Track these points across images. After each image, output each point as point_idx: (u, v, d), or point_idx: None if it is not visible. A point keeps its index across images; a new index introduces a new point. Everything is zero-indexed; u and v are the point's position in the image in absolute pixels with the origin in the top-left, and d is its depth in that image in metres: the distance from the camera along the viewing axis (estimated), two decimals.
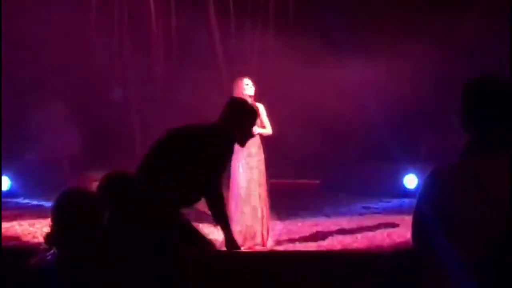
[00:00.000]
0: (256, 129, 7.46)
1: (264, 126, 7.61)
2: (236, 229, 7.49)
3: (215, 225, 7.90)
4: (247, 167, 7.56)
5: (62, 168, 10.92)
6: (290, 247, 7.76)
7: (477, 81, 2.66)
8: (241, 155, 7.51)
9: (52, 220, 2.68)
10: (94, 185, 3.38)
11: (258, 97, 7.63)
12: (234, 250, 7.19)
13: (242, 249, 7.28)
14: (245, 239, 7.45)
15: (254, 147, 7.56)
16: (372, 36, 10.49)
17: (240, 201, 7.53)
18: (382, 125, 10.42)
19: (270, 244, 7.75)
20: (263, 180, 7.63)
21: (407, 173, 10.32)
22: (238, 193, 7.56)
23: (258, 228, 7.52)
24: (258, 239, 7.52)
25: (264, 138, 7.69)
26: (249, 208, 7.51)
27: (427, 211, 2.53)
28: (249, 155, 7.55)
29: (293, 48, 10.99)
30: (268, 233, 7.71)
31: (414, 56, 9.90)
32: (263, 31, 12.13)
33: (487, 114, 2.57)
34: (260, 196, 7.57)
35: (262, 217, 7.57)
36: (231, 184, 7.63)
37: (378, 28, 10.53)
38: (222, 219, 5.72)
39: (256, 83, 7.59)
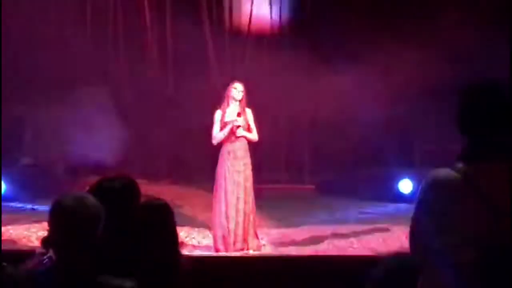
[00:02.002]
0: (241, 131, 7.49)
1: (250, 131, 7.62)
2: (218, 233, 7.50)
3: (209, 229, 7.97)
4: (233, 170, 7.54)
5: (56, 173, 10.91)
6: (285, 251, 7.77)
7: (474, 86, 2.67)
8: (227, 158, 7.53)
9: (50, 224, 2.67)
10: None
11: (248, 102, 7.65)
12: (228, 255, 7.21)
13: (224, 254, 7.30)
14: (227, 244, 7.44)
15: (240, 150, 7.56)
16: (365, 42, 10.50)
17: (224, 205, 7.52)
18: (377, 130, 10.44)
19: (265, 249, 7.76)
20: (249, 184, 7.60)
21: (402, 178, 10.34)
22: (223, 197, 7.55)
23: (240, 232, 7.48)
24: (239, 245, 7.48)
25: (252, 143, 7.68)
26: (234, 212, 7.48)
27: (424, 216, 2.53)
28: (235, 158, 7.54)
29: (286, 54, 11.01)
30: (256, 237, 7.68)
31: (408, 62, 9.92)
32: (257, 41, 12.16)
33: (484, 119, 2.58)
34: (245, 201, 7.54)
35: (247, 222, 7.53)
36: (215, 187, 7.63)
37: (371, 35, 10.54)
38: None
39: (247, 88, 7.63)
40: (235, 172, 7.53)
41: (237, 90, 7.54)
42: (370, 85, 10.49)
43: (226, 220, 7.47)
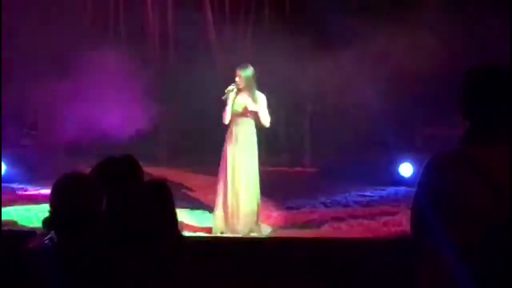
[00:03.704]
0: (251, 106, 7.48)
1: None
2: (219, 215, 7.52)
3: (210, 212, 7.98)
4: (234, 153, 7.54)
5: (57, 154, 10.89)
6: (286, 234, 7.78)
7: (478, 70, 2.66)
8: (229, 141, 7.53)
9: (51, 204, 2.68)
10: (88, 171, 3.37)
11: (259, 87, 7.66)
12: (229, 236, 7.23)
13: (225, 235, 7.32)
14: (229, 226, 7.45)
15: (242, 133, 7.56)
16: (368, 26, 10.45)
17: (225, 187, 7.52)
18: (378, 114, 10.41)
19: (266, 231, 7.77)
20: (252, 168, 7.60)
21: (402, 162, 10.32)
22: (225, 179, 7.54)
23: (241, 215, 7.49)
24: (241, 227, 7.48)
25: (259, 125, 7.67)
26: (234, 196, 7.49)
27: (426, 199, 2.53)
28: (237, 141, 7.54)
29: (289, 37, 10.97)
30: (259, 220, 7.69)
31: (410, 47, 9.88)
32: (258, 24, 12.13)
33: (487, 103, 2.58)
34: (247, 185, 7.54)
35: (248, 205, 7.53)
36: (219, 170, 7.64)
37: (373, 19, 10.49)
38: None
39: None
40: (237, 156, 7.53)
41: (237, 77, 7.55)
42: (371, 69, 10.46)
43: (227, 202, 7.49)
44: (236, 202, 7.49)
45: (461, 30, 9.87)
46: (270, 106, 7.73)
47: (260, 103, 7.57)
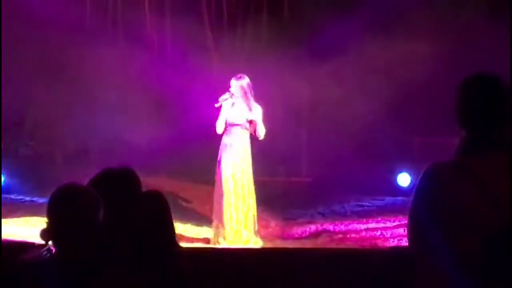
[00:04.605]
0: (247, 115, 7.48)
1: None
2: (217, 226, 7.51)
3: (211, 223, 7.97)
4: (230, 164, 7.53)
5: (55, 163, 10.88)
6: (283, 244, 7.77)
7: (473, 78, 2.67)
8: (224, 150, 7.53)
9: (48, 216, 2.67)
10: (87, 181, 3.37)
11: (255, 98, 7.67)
12: (226, 248, 7.22)
13: (222, 247, 7.31)
14: (226, 237, 7.44)
15: (237, 143, 7.55)
16: (363, 35, 10.48)
17: (222, 198, 7.51)
18: (376, 124, 10.43)
19: (261, 242, 7.75)
20: (247, 178, 7.59)
21: (400, 172, 10.33)
22: (221, 190, 7.53)
23: (238, 227, 7.48)
24: (238, 238, 7.47)
25: (252, 137, 7.67)
26: (231, 207, 7.48)
27: (423, 208, 2.53)
28: (232, 151, 7.53)
29: (284, 48, 11.00)
30: (256, 232, 7.67)
31: (407, 55, 9.90)
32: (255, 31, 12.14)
33: (483, 112, 2.59)
34: (243, 195, 7.53)
35: (245, 216, 7.52)
36: (215, 180, 7.62)
37: (370, 28, 10.52)
38: None
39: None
40: (232, 166, 7.52)
41: (232, 85, 7.56)
42: (368, 79, 10.48)
43: (225, 213, 7.48)
44: (235, 213, 7.48)
45: (457, 39, 9.91)
46: (266, 115, 7.74)
47: (256, 114, 7.56)
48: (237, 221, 7.47)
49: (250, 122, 7.58)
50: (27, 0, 10.61)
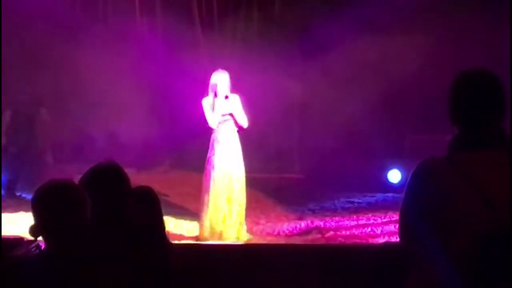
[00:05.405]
0: (230, 108, 7.45)
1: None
2: (205, 223, 7.50)
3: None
4: (221, 159, 7.51)
5: (44, 161, 10.84)
6: (274, 240, 7.77)
7: (466, 74, 2.67)
8: (214, 146, 7.51)
9: (35, 212, 2.65)
10: (78, 178, 3.35)
11: (233, 88, 7.64)
12: (215, 243, 7.22)
13: (211, 242, 7.30)
14: (215, 233, 7.43)
15: (226, 138, 7.53)
16: (355, 32, 10.49)
17: (211, 194, 7.49)
18: (367, 120, 10.44)
19: (253, 238, 7.75)
20: (238, 173, 7.57)
21: (391, 168, 10.35)
22: (211, 186, 7.51)
23: (228, 222, 7.47)
24: (227, 234, 7.47)
25: (242, 131, 7.64)
26: (222, 202, 7.46)
27: (414, 205, 2.53)
28: (222, 146, 7.51)
29: (276, 45, 11.00)
30: (245, 226, 7.67)
31: (399, 52, 9.92)
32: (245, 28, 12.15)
33: (475, 108, 2.59)
34: (233, 191, 7.52)
35: (234, 211, 7.51)
36: (203, 175, 7.60)
37: (362, 26, 10.52)
38: None
39: (238, 77, 7.62)
40: (223, 161, 7.50)
41: (219, 77, 7.51)
42: (360, 75, 10.49)
43: (214, 209, 7.46)
44: (227, 209, 7.47)
45: (449, 35, 9.93)
46: (258, 112, 7.72)
47: (236, 104, 7.54)
48: (230, 217, 7.46)
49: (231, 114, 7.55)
50: None
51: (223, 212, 7.46)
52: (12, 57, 10.44)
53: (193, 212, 8.57)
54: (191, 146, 10.98)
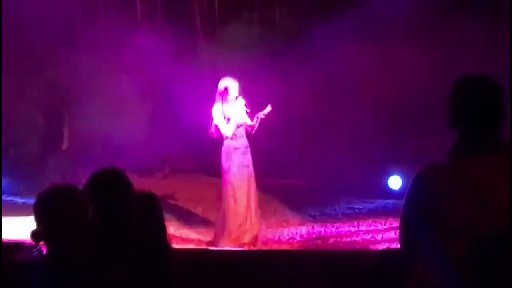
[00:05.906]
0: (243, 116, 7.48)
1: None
2: (229, 229, 7.47)
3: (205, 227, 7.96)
4: (241, 166, 7.50)
5: (48, 164, 10.85)
6: (275, 246, 7.77)
7: (465, 80, 2.68)
8: (234, 153, 7.48)
9: (37, 216, 2.66)
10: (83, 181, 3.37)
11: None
12: (222, 249, 7.22)
13: (215, 248, 7.31)
14: (237, 238, 7.42)
15: (244, 146, 7.53)
16: (354, 38, 10.50)
17: (233, 200, 7.47)
18: (367, 126, 10.45)
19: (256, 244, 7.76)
20: (253, 179, 7.59)
21: (391, 174, 10.35)
22: (231, 193, 7.50)
23: (249, 227, 7.49)
24: (248, 238, 7.48)
25: (251, 133, 7.66)
26: (243, 208, 7.46)
27: (415, 211, 2.54)
28: (242, 153, 7.51)
29: (276, 50, 11.01)
30: (259, 230, 7.71)
31: (400, 58, 9.93)
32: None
33: (474, 113, 2.59)
34: (253, 196, 7.54)
35: (254, 216, 7.54)
36: (223, 184, 7.56)
37: (361, 32, 10.53)
38: None
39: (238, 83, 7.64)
40: (243, 167, 7.49)
41: (229, 83, 7.51)
42: (361, 80, 10.50)
43: (236, 215, 7.44)
44: (249, 216, 7.49)
45: (449, 40, 9.94)
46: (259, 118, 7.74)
47: (243, 108, 7.56)
48: (252, 223, 7.50)
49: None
50: None
51: (244, 216, 7.45)
52: (12, 57, 10.46)
53: (195, 217, 8.59)
54: (191, 151, 11.01)
